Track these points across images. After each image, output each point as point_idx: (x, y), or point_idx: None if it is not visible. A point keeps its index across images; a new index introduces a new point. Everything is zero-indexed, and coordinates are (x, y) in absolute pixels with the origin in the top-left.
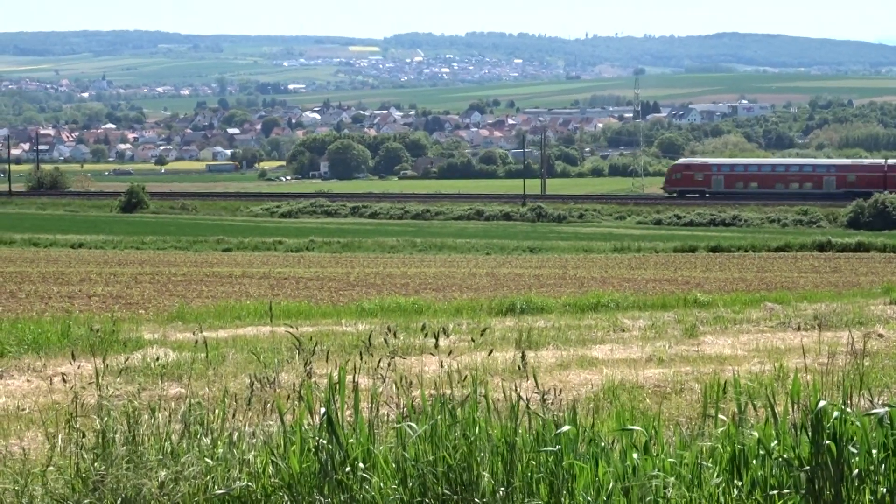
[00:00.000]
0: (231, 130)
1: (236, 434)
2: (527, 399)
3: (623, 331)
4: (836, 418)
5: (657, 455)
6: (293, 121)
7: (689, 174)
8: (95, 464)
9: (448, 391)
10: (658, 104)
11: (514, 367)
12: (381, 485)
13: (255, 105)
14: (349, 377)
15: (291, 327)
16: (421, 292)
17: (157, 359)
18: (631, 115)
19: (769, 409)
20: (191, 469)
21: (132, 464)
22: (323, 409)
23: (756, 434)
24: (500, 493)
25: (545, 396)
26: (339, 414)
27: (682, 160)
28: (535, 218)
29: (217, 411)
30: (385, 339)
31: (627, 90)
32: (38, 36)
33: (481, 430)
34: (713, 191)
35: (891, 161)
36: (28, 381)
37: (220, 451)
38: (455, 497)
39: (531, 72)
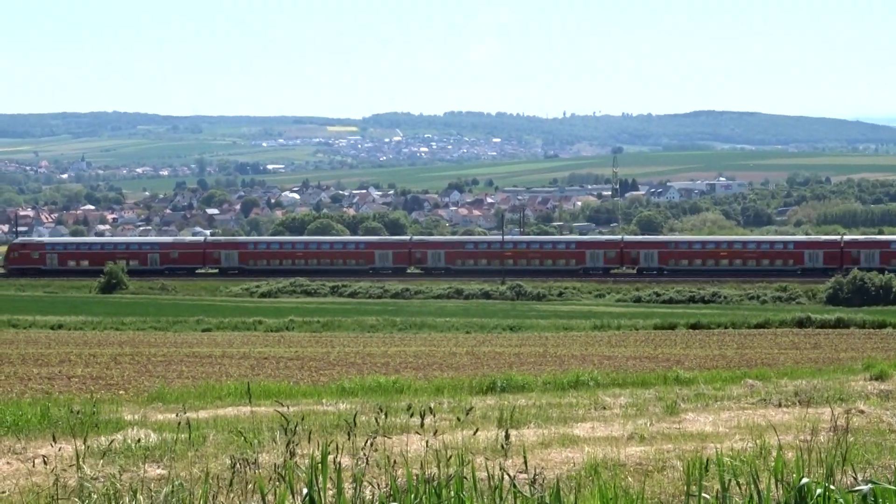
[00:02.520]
0: (210, 210)
1: None
2: (511, 477)
3: (604, 408)
4: (819, 495)
5: None
6: (272, 200)
7: (27, 252)
8: None
9: (431, 471)
10: (636, 182)
11: (496, 446)
12: None
13: (235, 185)
14: (331, 457)
15: (276, 406)
16: (401, 371)
17: (139, 440)
18: (609, 193)
19: (752, 486)
20: None
21: None
22: (305, 490)
23: None
24: None
25: (532, 475)
26: (321, 494)
27: (19, 240)
28: (514, 296)
29: (199, 492)
30: (375, 419)
31: (606, 168)
32: (18, 118)
33: None
34: (48, 268)
35: (210, 238)
36: (8, 463)
37: None
38: None
39: (509, 151)
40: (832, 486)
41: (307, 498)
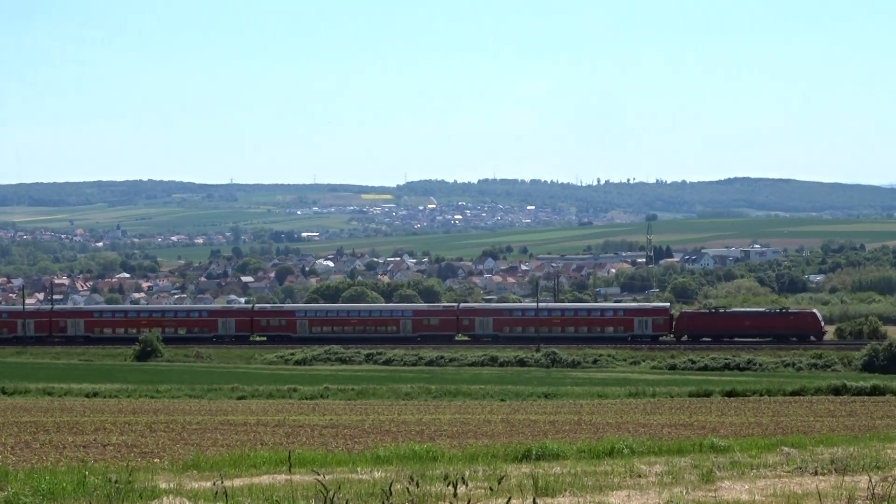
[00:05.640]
0: (245, 278)
1: None
2: None
3: (639, 476)
4: None
5: None
6: (307, 268)
7: None
8: None
9: None
10: (671, 249)
11: None
12: None
13: (269, 253)
14: None
15: (313, 475)
16: (436, 439)
17: None
18: (644, 260)
19: None
20: None
21: None
22: None
23: None
24: None
25: None
26: None
27: None
28: (549, 363)
29: None
30: (412, 487)
31: (640, 235)
32: (53, 187)
33: None
34: None
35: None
36: None
37: None
38: None
39: (544, 218)
40: None
41: None
